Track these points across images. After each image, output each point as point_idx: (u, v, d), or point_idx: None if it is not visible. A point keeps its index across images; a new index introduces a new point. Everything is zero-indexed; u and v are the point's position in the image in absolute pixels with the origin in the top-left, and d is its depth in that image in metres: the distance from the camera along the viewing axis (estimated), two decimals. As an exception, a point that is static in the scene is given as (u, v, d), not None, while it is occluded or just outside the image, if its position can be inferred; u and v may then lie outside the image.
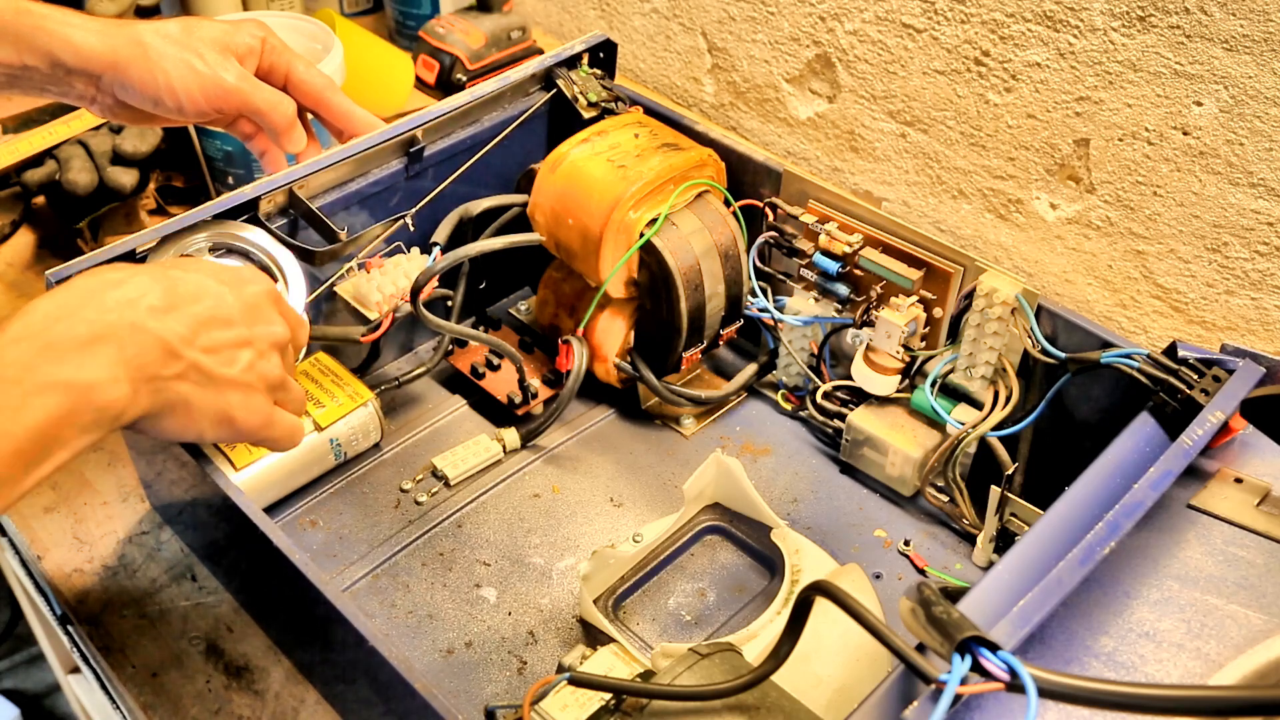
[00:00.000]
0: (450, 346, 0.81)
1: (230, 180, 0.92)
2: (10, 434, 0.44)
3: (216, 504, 0.60)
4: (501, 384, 0.79)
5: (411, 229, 0.74)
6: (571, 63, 0.82)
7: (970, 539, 0.71)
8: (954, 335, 0.69)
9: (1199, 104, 0.76)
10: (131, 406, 0.48)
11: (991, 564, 0.60)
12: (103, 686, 0.70)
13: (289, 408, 0.58)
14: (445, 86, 1.09)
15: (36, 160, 0.90)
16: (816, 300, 0.75)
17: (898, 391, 0.72)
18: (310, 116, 0.76)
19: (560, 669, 0.57)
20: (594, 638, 0.65)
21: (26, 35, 0.65)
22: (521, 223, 0.76)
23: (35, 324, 0.46)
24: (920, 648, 0.41)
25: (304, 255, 0.68)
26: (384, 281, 0.70)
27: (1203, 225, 0.79)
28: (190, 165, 0.94)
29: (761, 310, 0.76)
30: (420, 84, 1.11)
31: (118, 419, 0.48)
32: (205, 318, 0.51)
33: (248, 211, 0.68)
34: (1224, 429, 0.56)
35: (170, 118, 0.71)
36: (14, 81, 0.67)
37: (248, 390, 0.53)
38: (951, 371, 0.70)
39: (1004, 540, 0.69)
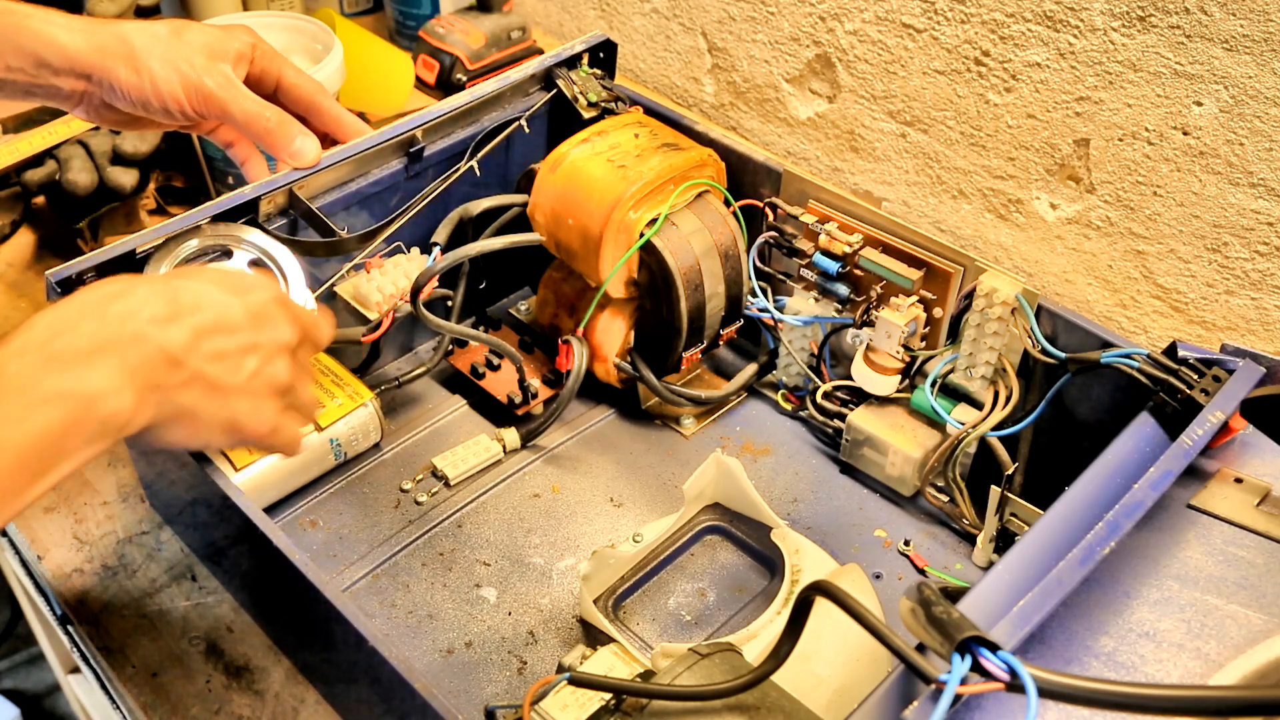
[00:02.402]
0: (450, 346, 0.81)
1: (230, 180, 0.92)
2: (15, 444, 0.44)
3: (216, 504, 0.60)
4: (501, 384, 0.79)
5: (478, 173, 0.76)
6: (571, 63, 0.82)
7: (970, 539, 0.71)
8: (954, 335, 0.69)
9: (1199, 104, 0.76)
10: (137, 416, 0.48)
11: (991, 564, 0.60)
12: (103, 686, 0.70)
13: (298, 413, 0.57)
14: (445, 86, 1.09)
15: (36, 160, 0.90)
16: (816, 300, 0.75)
17: (898, 391, 0.72)
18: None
19: (560, 669, 0.57)
20: (594, 638, 0.65)
21: (9, 36, 0.64)
22: (521, 223, 0.76)
23: (37, 338, 0.46)
24: (920, 648, 0.41)
25: (325, 249, 0.69)
26: (384, 281, 0.70)
27: (1203, 225, 0.79)
28: (190, 165, 0.94)
29: (761, 310, 0.76)
30: (420, 84, 1.11)
31: (123, 429, 0.48)
32: (209, 326, 0.51)
33: (248, 212, 0.68)
34: (1224, 429, 0.56)
35: (154, 120, 0.70)
36: None
37: (254, 396, 0.53)
38: (951, 371, 0.70)
39: (1004, 540, 0.69)
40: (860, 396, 0.75)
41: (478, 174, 0.77)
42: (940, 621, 0.40)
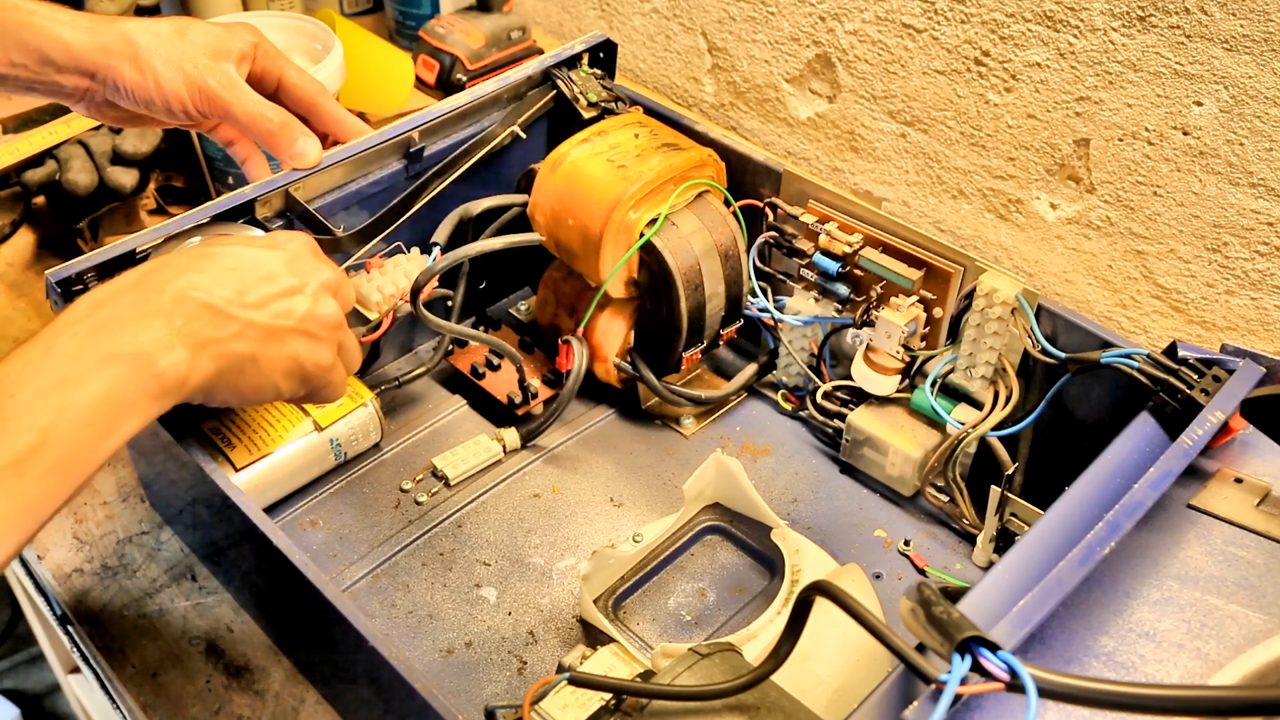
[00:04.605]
0: (450, 346, 0.81)
1: (230, 180, 0.92)
2: (79, 404, 0.45)
3: (216, 504, 0.60)
4: (501, 384, 0.79)
5: (523, 135, 0.78)
6: (571, 63, 0.82)
7: (970, 539, 0.71)
8: (954, 335, 0.69)
9: (1199, 104, 0.76)
10: (194, 373, 0.49)
11: (991, 564, 0.60)
12: (103, 686, 0.70)
13: (344, 358, 0.59)
14: (445, 86, 1.09)
15: (36, 160, 0.90)
16: (816, 300, 0.75)
17: (898, 391, 0.72)
18: None
19: (560, 669, 0.57)
20: (594, 638, 0.65)
21: (14, 32, 0.65)
22: (521, 223, 0.76)
23: (81, 313, 0.48)
24: (920, 648, 0.41)
25: (330, 245, 0.70)
26: (384, 281, 0.70)
27: (1203, 225, 0.79)
28: (190, 165, 0.94)
29: (761, 310, 0.76)
30: (420, 84, 1.11)
31: (183, 385, 0.49)
32: (249, 279, 0.53)
33: (248, 212, 0.68)
34: (1224, 429, 0.56)
35: (155, 118, 0.70)
36: (1, 81, 0.66)
37: (310, 335, 0.55)
38: (951, 371, 0.70)
39: (1004, 540, 0.69)
40: (860, 396, 0.75)
41: (523, 136, 0.79)
42: (940, 621, 0.40)
